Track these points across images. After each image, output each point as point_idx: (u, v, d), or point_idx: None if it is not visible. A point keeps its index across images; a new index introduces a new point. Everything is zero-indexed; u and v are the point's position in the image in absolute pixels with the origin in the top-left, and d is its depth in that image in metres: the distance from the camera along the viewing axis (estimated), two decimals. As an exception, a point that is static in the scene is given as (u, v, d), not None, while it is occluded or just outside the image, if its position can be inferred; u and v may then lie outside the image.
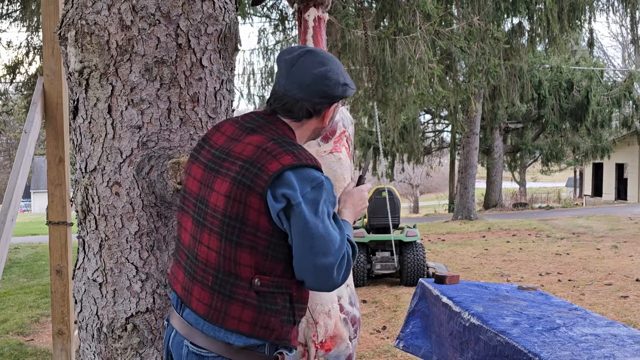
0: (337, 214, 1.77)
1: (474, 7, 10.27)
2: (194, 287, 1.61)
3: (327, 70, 1.64)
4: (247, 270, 1.54)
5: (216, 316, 1.56)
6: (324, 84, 1.63)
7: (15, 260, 11.03)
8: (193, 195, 1.66)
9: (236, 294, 1.55)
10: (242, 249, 1.54)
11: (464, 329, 2.53)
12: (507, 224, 15.45)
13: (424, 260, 7.54)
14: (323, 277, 1.52)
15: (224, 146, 1.64)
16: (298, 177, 1.52)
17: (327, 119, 1.71)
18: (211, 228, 1.58)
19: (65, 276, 3.65)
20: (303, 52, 1.66)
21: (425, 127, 26.14)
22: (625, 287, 7.01)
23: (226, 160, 1.60)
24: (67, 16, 2.05)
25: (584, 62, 22.81)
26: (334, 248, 1.52)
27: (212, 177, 1.61)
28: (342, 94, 1.67)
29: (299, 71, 1.63)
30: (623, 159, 26.26)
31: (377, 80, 9.65)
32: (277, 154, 1.54)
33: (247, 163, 1.55)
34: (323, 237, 1.51)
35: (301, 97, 1.63)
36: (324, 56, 1.67)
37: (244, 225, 1.53)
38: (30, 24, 11.30)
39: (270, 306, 1.56)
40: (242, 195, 1.53)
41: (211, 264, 1.58)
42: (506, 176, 30.96)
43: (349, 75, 1.78)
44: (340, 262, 1.54)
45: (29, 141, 3.44)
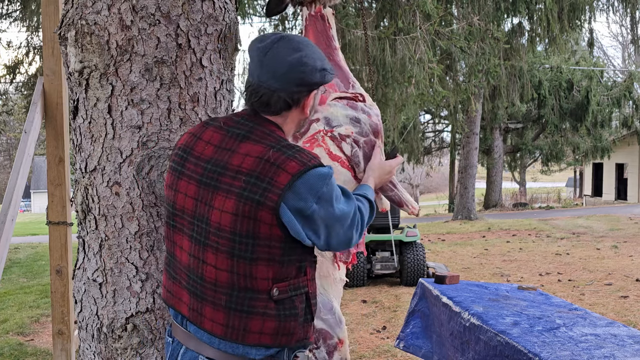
0: (363, 180, 1.99)
1: (474, 7, 10.27)
2: (204, 308, 1.53)
3: (303, 55, 1.53)
4: (264, 283, 1.49)
5: (235, 334, 1.50)
6: (300, 71, 1.52)
7: (15, 260, 11.03)
8: (187, 213, 1.56)
9: (255, 307, 1.50)
10: (259, 263, 1.48)
11: (464, 329, 2.53)
12: (507, 224, 15.46)
13: (424, 260, 7.54)
14: (343, 247, 1.62)
15: (215, 158, 1.53)
16: (308, 182, 1.47)
17: (307, 108, 1.61)
18: (217, 247, 1.50)
19: (65, 276, 3.65)
20: (276, 39, 1.56)
21: (425, 127, 26.14)
22: (625, 287, 7.01)
23: (224, 175, 1.50)
24: (67, 16, 2.05)
25: (584, 62, 22.82)
26: (350, 222, 1.58)
27: (210, 194, 1.51)
28: (321, 80, 1.57)
29: (273, 59, 1.52)
30: (623, 159, 26.26)
31: (377, 80, 9.65)
32: (281, 163, 1.47)
33: (252, 177, 1.46)
34: (340, 221, 1.55)
35: (277, 88, 1.52)
36: (299, 41, 1.57)
37: (256, 239, 1.47)
38: (30, 24, 11.30)
39: (290, 312, 1.52)
40: (252, 211, 1.45)
41: (222, 283, 1.50)
42: (506, 176, 30.95)
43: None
44: (356, 227, 1.61)
45: (29, 141, 3.44)
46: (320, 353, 2.11)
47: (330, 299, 2.17)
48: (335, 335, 2.14)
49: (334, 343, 2.15)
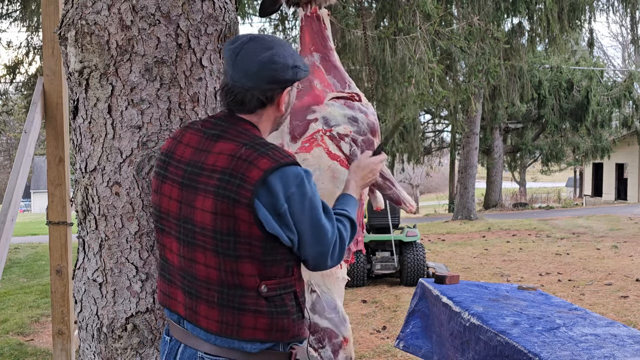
0: (345, 188, 1.85)
1: (474, 7, 10.27)
2: (199, 306, 1.57)
3: (273, 54, 1.57)
4: (251, 280, 1.53)
5: (230, 330, 1.54)
6: (271, 69, 1.56)
7: (15, 260, 11.03)
8: (173, 216, 1.60)
9: (246, 304, 1.53)
10: (243, 260, 1.51)
11: (464, 329, 2.53)
12: (507, 224, 15.46)
13: (424, 260, 7.54)
14: (318, 262, 1.59)
15: (193, 159, 1.58)
16: (280, 180, 1.49)
17: (282, 105, 1.63)
18: (204, 246, 1.54)
19: (65, 276, 3.65)
20: (247, 40, 1.60)
21: (425, 127, 26.14)
22: (625, 287, 7.01)
23: (201, 175, 1.54)
24: (67, 16, 2.05)
25: (584, 62, 22.82)
26: (326, 238, 1.55)
27: (191, 195, 1.55)
28: (293, 77, 1.61)
29: (244, 59, 1.57)
30: (623, 159, 26.26)
31: (377, 80, 9.65)
32: (253, 159, 1.50)
33: (226, 175, 1.50)
34: (313, 228, 1.53)
35: (250, 86, 1.56)
36: (270, 40, 1.61)
37: (237, 237, 1.50)
38: (30, 24, 11.30)
39: (281, 309, 1.56)
40: (229, 208, 1.49)
41: (213, 280, 1.54)
42: (506, 176, 30.95)
43: (348, 75, 1.76)
44: (332, 249, 1.58)
45: (29, 141, 3.44)
46: (326, 352, 2.12)
47: (334, 298, 2.18)
48: (340, 333, 2.16)
49: (339, 342, 2.16)
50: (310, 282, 2.14)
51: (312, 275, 2.15)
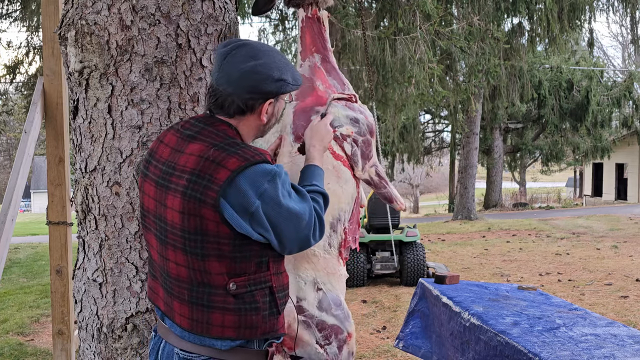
0: (307, 159, 1.83)
1: (474, 7, 10.27)
2: (173, 302, 1.60)
3: (257, 64, 1.57)
4: (219, 278, 1.53)
5: (200, 327, 1.56)
6: (253, 79, 1.56)
7: (15, 260, 11.03)
8: (151, 213, 1.63)
9: (214, 302, 1.54)
10: (210, 259, 1.52)
11: (464, 329, 2.53)
12: (507, 224, 15.46)
13: (424, 260, 7.54)
14: (302, 246, 1.61)
15: (169, 159, 1.59)
16: (249, 178, 1.49)
17: (264, 115, 1.63)
18: (174, 245, 1.56)
19: (65, 276, 3.65)
20: (236, 46, 1.61)
21: (425, 127, 26.14)
22: (625, 287, 7.01)
23: (173, 175, 1.56)
24: (67, 16, 2.05)
25: (584, 62, 22.82)
26: (305, 223, 1.56)
27: (164, 194, 1.57)
28: (277, 90, 1.60)
29: (229, 65, 1.58)
30: (623, 159, 26.26)
31: (377, 80, 9.65)
32: (221, 160, 1.50)
33: (194, 176, 1.50)
34: (291, 220, 1.53)
35: (230, 92, 1.57)
36: (258, 49, 1.61)
37: (205, 236, 1.51)
38: (30, 24, 11.30)
39: (250, 306, 1.56)
40: (195, 208, 1.50)
41: (183, 278, 1.56)
42: (506, 176, 30.96)
43: (348, 75, 1.75)
44: (313, 230, 1.60)
45: (29, 141, 3.44)
46: (332, 348, 2.13)
47: (338, 295, 2.20)
48: (345, 329, 2.18)
49: (344, 337, 2.18)
50: (316, 281, 2.16)
51: (318, 274, 2.16)
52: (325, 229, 2.12)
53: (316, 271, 2.16)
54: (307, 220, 1.57)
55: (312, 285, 2.15)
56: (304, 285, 2.12)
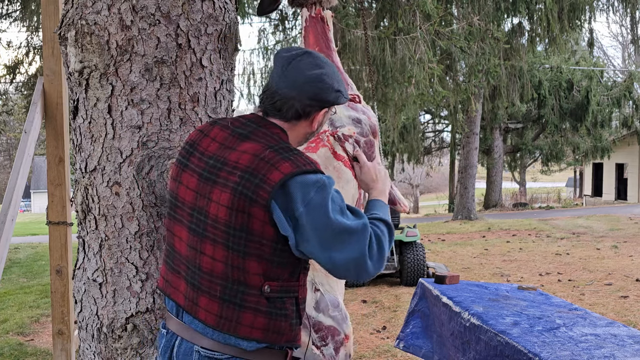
0: (371, 196, 1.82)
1: (474, 7, 10.27)
2: (199, 298, 1.58)
3: (322, 73, 1.62)
4: (256, 278, 1.54)
5: (227, 325, 1.55)
6: (317, 87, 1.60)
7: (15, 260, 11.03)
8: (187, 205, 1.62)
9: (247, 302, 1.54)
10: (250, 258, 1.53)
11: (464, 329, 2.53)
12: (507, 224, 15.46)
13: (424, 260, 7.54)
14: (354, 270, 1.52)
15: (217, 154, 1.60)
16: (299, 185, 1.50)
17: (316, 123, 1.67)
18: (214, 239, 1.55)
19: (65, 276, 3.65)
20: (301, 53, 1.65)
21: (425, 127, 26.14)
22: (625, 287, 7.01)
23: (222, 170, 1.56)
24: (67, 16, 2.05)
25: (584, 62, 22.81)
26: (357, 238, 1.50)
27: (209, 187, 1.57)
28: (334, 100, 1.64)
29: (294, 70, 1.61)
30: (623, 159, 26.25)
31: (377, 80, 9.65)
32: (275, 162, 1.52)
33: (247, 173, 1.52)
34: (340, 236, 1.49)
35: (292, 97, 1.60)
36: (322, 60, 1.66)
37: (249, 235, 1.52)
38: (30, 24, 11.30)
39: (280, 311, 1.57)
40: (245, 206, 1.51)
41: (217, 274, 1.56)
42: (506, 176, 30.95)
43: (348, 75, 1.77)
44: (369, 251, 1.52)
45: (29, 141, 3.44)
46: (328, 350, 2.13)
47: (336, 296, 2.19)
48: (342, 331, 2.17)
49: (341, 339, 2.17)
50: (314, 281, 2.15)
51: (316, 275, 2.16)
52: None
53: (314, 272, 2.15)
54: (361, 236, 1.51)
55: (310, 285, 2.15)
56: (303, 287, 2.12)
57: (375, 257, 1.53)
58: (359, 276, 1.54)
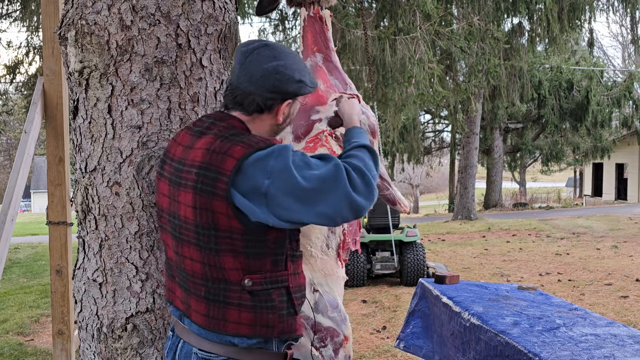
0: (347, 124, 1.85)
1: (474, 7, 10.27)
2: (190, 300, 1.61)
3: (280, 64, 1.59)
4: (235, 274, 1.53)
5: (215, 324, 1.55)
6: (275, 78, 1.58)
7: (15, 260, 11.03)
8: (166, 212, 1.65)
9: (230, 298, 1.54)
10: (224, 254, 1.52)
11: (464, 329, 2.53)
12: (507, 224, 15.46)
13: (424, 260, 7.54)
14: (348, 212, 1.47)
15: (181, 157, 1.61)
16: (255, 162, 1.47)
17: (280, 115, 1.64)
18: (188, 240, 1.57)
19: (65, 276, 3.66)
20: (259, 45, 1.63)
21: (425, 127, 26.14)
22: (625, 287, 7.01)
23: (183, 171, 1.57)
24: (67, 16, 2.05)
25: (584, 62, 22.82)
26: (332, 185, 1.45)
27: (176, 191, 1.59)
28: (296, 91, 1.62)
29: (252, 64, 1.60)
30: (623, 159, 26.26)
31: (377, 80, 9.65)
32: (226, 150, 1.50)
33: (202, 169, 1.51)
34: (318, 188, 1.45)
35: (251, 91, 1.59)
36: (280, 51, 1.63)
37: (217, 231, 1.51)
38: (30, 24, 11.30)
39: (266, 304, 1.55)
40: (207, 202, 1.50)
41: (198, 274, 1.57)
42: (506, 176, 30.95)
43: (348, 75, 1.76)
44: (351, 182, 1.47)
45: (29, 141, 3.44)
46: (327, 351, 2.13)
47: (335, 297, 2.19)
48: (341, 332, 2.17)
49: (340, 340, 2.17)
50: (312, 282, 2.15)
51: (314, 275, 2.16)
52: (323, 230, 2.13)
53: (313, 272, 2.15)
54: (338, 178, 1.45)
55: (308, 286, 2.14)
56: (301, 287, 2.12)
57: (361, 189, 1.49)
58: (356, 214, 1.48)
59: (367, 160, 1.57)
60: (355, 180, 1.48)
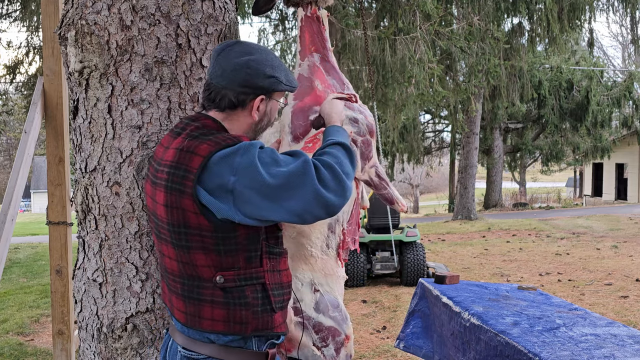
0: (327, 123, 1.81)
1: (474, 7, 10.27)
2: (172, 297, 1.64)
3: (250, 59, 1.59)
4: (206, 271, 1.54)
5: (192, 321, 1.57)
6: (245, 72, 1.58)
7: (15, 260, 11.03)
8: (150, 212, 1.68)
9: (203, 295, 1.55)
10: (195, 251, 1.53)
11: (464, 329, 2.53)
12: (507, 224, 15.46)
13: (424, 260, 7.54)
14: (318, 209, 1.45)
15: (159, 157, 1.65)
16: (221, 159, 1.47)
17: (255, 112, 1.62)
18: (165, 239, 1.59)
19: (65, 276, 3.66)
20: (232, 43, 1.65)
21: (425, 127, 26.14)
22: (625, 287, 7.01)
23: (158, 171, 1.60)
24: (67, 16, 2.05)
25: (584, 62, 22.82)
26: (298, 181, 1.43)
27: (154, 190, 1.61)
28: (269, 87, 1.60)
29: (223, 60, 1.61)
30: (623, 159, 26.26)
31: (377, 80, 9.65)
32: (194, 148, 1.51)
33: (172, 168, 1.53)
34: (286, 184, 1.43)
35: (223, 85, 1.59)
36: (252, 47, 1.64)
37: (187, 228, 1.52)
38: (30, 24, 11.31)
39: (239, 300, 1.54)
40: (176, 200, 1.51)
41: (175, 272, 1.59)
42: (506, 176, 30.95)
43: (348, 75, 1.75)
44: (320, 178, 1.45)
45: (29, 141, 3.44)
46: (329, 350, 2.13)
47: (336, 296, 2.19)
48: (342, 331, 2.17)
49: (342, 339, 2.17)
50: (313, 282, 2.15)
51: (315, 275, 2.16)
52: (323, 230, 2.13)
53: (313, 272, 2.15)
54: (305, 174, 1.43)
55: (309, 286, 2.14)
56: (301, 287, 2.12)
57: (331, 185, 1.46)
58: (327, 211, 1.46)
59: (341, 158, 1.55)
60: (325, 175, 1.46)
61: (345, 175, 1.50)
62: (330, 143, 1.62)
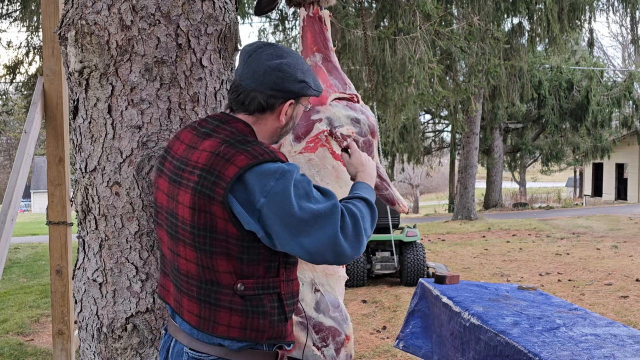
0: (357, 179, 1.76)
1: (474, 7, 10.27)
2: (182, 299, 1.61)
3: (283, 62, 1.58)
4: (227, 277, 1.52)
5: (206, 325, 1.55)
6: (277, 76, 1.56)
7: (15, 260, 11.03)
8: (164, 209, 1.63)
9: (221, 301, 1.53)
10: (218, 257, 1.51)
11: (464, 329, 2.53)
12: (507, 224, 15.46)
13: (424, 260, 7.54)
14: (329, 253, 1.47)
15: (183, 156, 1.60)
16: (257, 176, 1.46)
17: (283, 116, 1.62)
18: (184, 240, 1.56)
19: (65, 276, 3.66)
20: (263, 45, 1.63)
21: (425, 127, 26.14)
22: (625, 287, 7.01)
23: (185, 171, 1.56)
24: (67, 16, 2.05)
25: (584, 62, 22.82)
26: (323, 222, 1.45)
27: (176, 189, 1.57)
28: (299, 91, 1.60)
29: (255, 62, 1.59)
30: (623, 159, 26.26)
31: (377, 80, 9.65)
32: (231, 156, 1.49)
33: (204, 172, 1.50)
34: (310, 221, 1.44)
35: (253, 88, 1.57)
36: (284, 50, 1.62)
37: (213, 233, 1.50)
38: (30, 24, 11.30)
39: (257, 309, 1.54)
40: (205, 205, 1.49)
41: (192, 275, 1.56)
42: (506, 176, 30.95)
43: (348, 75, 1.75)
44: (342, 226, 1.47)
45: (29, 141, 3.44)
46: (329, 350, 2.13)
47: (336, 297, 2.19)
48: (343, 331, 2.17)
49: (342, 339, 2.17)
50: (314, 282, 2.15)
51: (316, 275, 2.16)
52: None
53: (314, 272, 2.15)
54: (331, 218, 1.45)
55: (309, 286, 2.15)
56: (302, 287, 2.12)
57: (350, 237, 1.48)
58: (337, 259, 1.48)
59: (365, 214, 1.56)
60: (347, 225, 1.49)
61: (364, 231, 1.53)
62: (358, 197, 1.62)
